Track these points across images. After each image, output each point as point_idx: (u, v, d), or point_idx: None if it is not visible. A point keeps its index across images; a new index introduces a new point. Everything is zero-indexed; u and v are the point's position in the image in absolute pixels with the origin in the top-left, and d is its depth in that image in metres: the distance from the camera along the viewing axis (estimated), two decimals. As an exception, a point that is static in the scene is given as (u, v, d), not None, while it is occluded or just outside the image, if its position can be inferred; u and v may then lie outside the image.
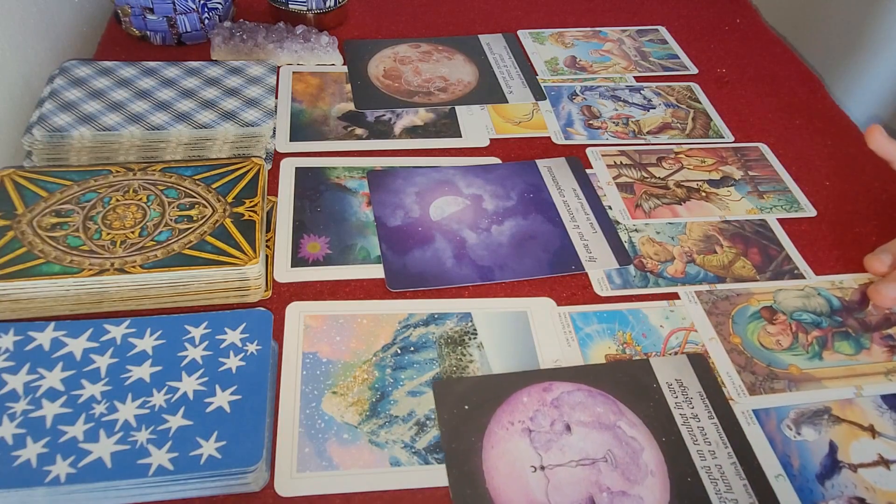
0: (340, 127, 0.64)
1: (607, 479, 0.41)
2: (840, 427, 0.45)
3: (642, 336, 0.49)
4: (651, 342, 0.49)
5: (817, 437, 0.45)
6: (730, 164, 0.63)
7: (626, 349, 0.48)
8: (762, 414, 0.45)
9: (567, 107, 0.69)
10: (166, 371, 0.42)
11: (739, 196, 0.60)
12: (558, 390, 0.45)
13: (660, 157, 0.63)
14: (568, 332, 0.49)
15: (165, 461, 0.38)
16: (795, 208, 0.60)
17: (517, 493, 0.40)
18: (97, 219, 0.50)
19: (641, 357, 0.48)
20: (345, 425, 0.43)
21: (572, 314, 0.50)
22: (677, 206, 0.59)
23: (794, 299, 0.52)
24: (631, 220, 0.57)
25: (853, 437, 0.45)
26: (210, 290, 0.48)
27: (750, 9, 0.86)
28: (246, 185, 0.53)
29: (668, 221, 0.57)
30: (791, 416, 0.45)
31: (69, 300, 0.47)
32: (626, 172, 0.61)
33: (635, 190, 0.60)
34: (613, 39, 0.78)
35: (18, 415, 0.40)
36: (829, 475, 0.43)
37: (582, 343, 0.49)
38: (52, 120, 0.56)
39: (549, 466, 0.41)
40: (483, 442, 0.42)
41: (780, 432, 0.45)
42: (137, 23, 0.70)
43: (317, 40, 0.71)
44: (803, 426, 0.45)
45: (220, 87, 0.62)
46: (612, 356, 0.48)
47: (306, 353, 0.47)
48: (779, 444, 0.44)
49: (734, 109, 0.70)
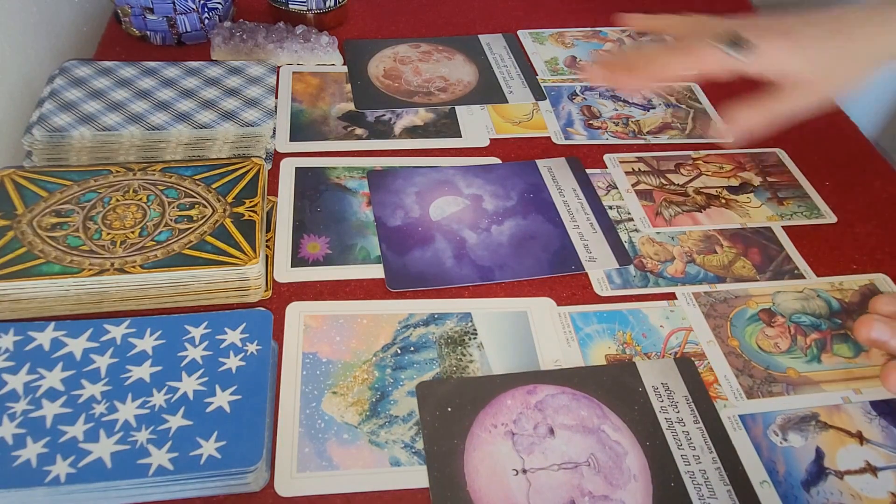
0: (340, 127, 0.64)
1: (589, 484, 0.41)
2: (827, 433, 0.45)
3: (642, 336, 0.49)
4: (651, 342, 0.49)
5: (804, 443, 0.44)
6: (748, 170, 0.63)
7: (627, 349, 0.48)
8: (748, 419, 0.45)
9: (567, 107, 0.69)
10: (166, 371, 0.43)
11: (759, 202, 0.60)
12: (542, 393, 0.45)
13: (678, 164, 0.63)
14: (568, 332, 0.49)
15: (165, 461, 0.38)
16: (816, 214, 0.59)
17: (498, 497, 0.40)
18: (97, 219, 0.50)
19: (641, 357, 0.48)
20: (345, 425, 0.43)
21: (572, 314, 0.50)
22: (697, 213, 0.59)
23: (793, 301, 0.52)
24: (652, 227, 0.57)
25: (840, 443, 0.44)
26: (210, 290, 0.48)
27: (750, 9, 0.86)
28: (246, 185, 0.53)
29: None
30: (778, 421, 0.45)
31: (69, 300, 0.47)
32: (644, 179, 0.61)
33: (655, 197, 0.60)
34: (613, 39, 0.78)
35: (18, 415, 0.40)
36: (814, 482, 0.43)
37: (582, 343, 0.49)
38: (52, 120, 0.56)
39: (530, 470, 0.41)
40: (465, 444, 0.42)
41: (766, 438, 0.44)
42: (137, 23, 0.70)
43: (317, 40, 0.71)
44: (790, 432, 0.45)
45: (220, 87, 0.62)
46: (612, 356, 0.48)
47: (306, 353, 0.47)
48: (764, 449, 0.44)
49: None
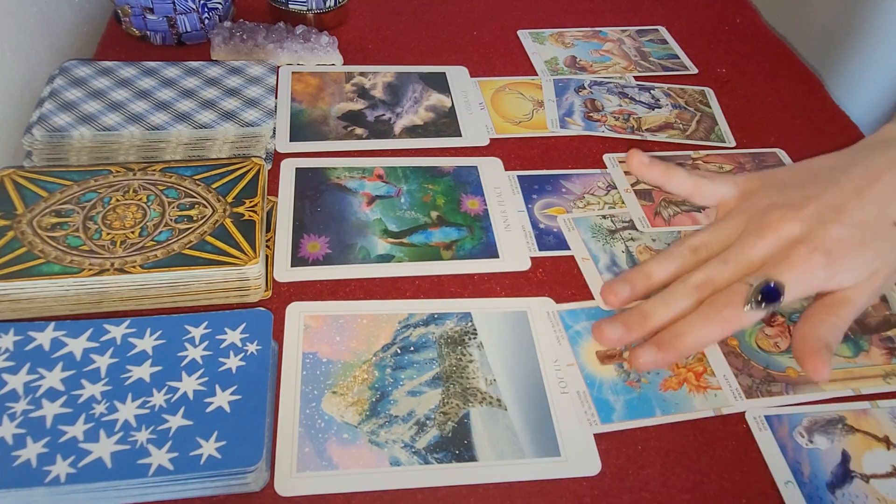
0: (340, 127, 0.64)
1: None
2: (854, 437, 0.45)
3: None
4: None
5: (830, 445, 0.44)
6: (748, 170, 0.63)
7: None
8: (774, 420, 0.45)
9: (571, 98, 0.69)
10: (166, 371, 0.43)
11: None
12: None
13: (677, 163, 0.63)
14: (558, 329, 0.49)
15: (165, 461, 0.39)
16: None
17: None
18: (97, 219, 0.50)
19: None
20: (345, 425, 0.44)
21: (561, 312, 0.50)
22: (697, 213, 0.58)
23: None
24: (651, 227, 0.57)
25: (867, 447, 0.44)
26: (210, 290, 0.48)
27: (750, 9, 0.86)
28: (246, 185, 0.53)
29: (668, 229, 0.57)
30: (804, 423, 0.45)
31: (69, 300, 0.47)
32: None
33: (654, 197, 0.60)
34: (613, 39, 0.78)
35: (18, 415, 0.40)
36: (840, 484, 0.42)
37: (572, 341, 0.49)
38: (52, 120, 0.56)
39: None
40: None
41: (791, 439, 0.44)
42: (137, 23, 0.70)
43: (317, 40, 0.71)
44: (816, 434, 0.45)
45: (220, 87, 0.62)
46: (602, 353, 0.48)
47: (306, 353, 0.47)
48: (790, 450, 0.44)
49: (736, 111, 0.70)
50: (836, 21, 0.80)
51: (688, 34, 0.80)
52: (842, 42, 0.80)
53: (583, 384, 0.46)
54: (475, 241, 0.55)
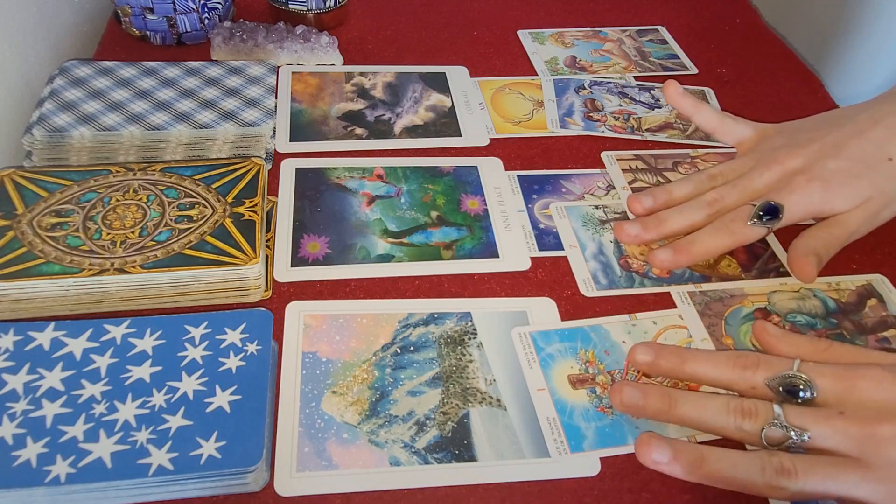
0: (340, 127, 0.64)
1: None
2: None
3: (605, 353, 0.48)
4: (614, 359, 0.48)
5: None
6: None
7: (590, 368, 0.47)
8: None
9: (571, 98, 0.69)
10: (166, 371, 0.43)
11: None
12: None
13: (675, 162, 0.63)
14: (529, 353, 0.48)
15: (165, 461, 0.39)
16: None
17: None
18: (97, 219, 0.50)
19: (604, 375, 0.47)
20: (344, 425, 0.44)
21: (532, 334, 0.49)
22: None
23: (789, 301, 0.52)
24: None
25: None
26: (210, 290, 0.48)
27: (750, 9, 0.86)
28: (246, 185, 0.53)
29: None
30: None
31: (69, 300, 0.47)
32: (641, 177, 0.61)
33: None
34: (613, 39, 0.78)
35: (18, 415, 0.40)
36: None
37: (544, 364, 0.47)
38: (52, 120, 0.56)
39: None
40: None
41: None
42: (137, 23, 0.70)
43: (317, 40, 0.71)
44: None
45: (220, 87, 0.62)
46: (574, 376, 0.47)
47: (306, 353, 0.47)
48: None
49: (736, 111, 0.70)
50: (836, 21, 0.80)
51: (688, 34, 0.80)
52: (842, 42, 0.80)
53: (553, 410, 0.45)
54: (475, 240, 0.55)
